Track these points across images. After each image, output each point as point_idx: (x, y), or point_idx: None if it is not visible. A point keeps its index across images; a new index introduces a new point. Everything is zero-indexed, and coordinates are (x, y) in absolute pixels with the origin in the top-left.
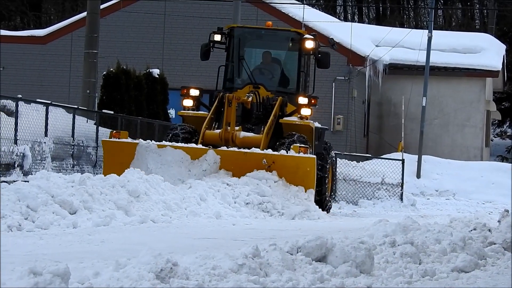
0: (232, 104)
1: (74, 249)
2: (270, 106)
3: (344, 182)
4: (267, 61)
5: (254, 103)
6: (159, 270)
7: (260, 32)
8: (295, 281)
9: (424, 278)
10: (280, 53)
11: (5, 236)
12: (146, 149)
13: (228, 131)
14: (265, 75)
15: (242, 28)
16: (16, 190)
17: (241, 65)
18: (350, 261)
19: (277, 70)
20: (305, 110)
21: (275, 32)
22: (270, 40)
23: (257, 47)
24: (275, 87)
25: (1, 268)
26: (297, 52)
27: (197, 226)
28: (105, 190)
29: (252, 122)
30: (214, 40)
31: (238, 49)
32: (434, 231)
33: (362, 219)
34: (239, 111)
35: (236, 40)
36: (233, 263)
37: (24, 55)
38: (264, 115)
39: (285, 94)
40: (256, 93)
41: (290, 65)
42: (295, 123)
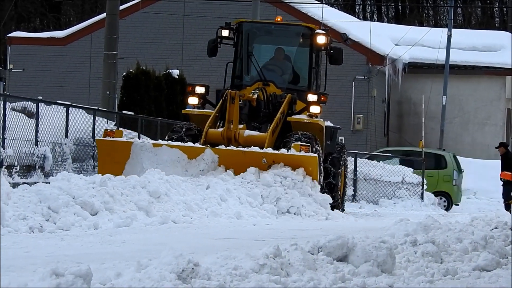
0: (235, 101)
1: (96, 250)
2: (278, 103)
3: (365, 181)
4: (280, 57)
5: (261, 100)
6: (181, 270)
7: (269, 27)
8: (317, 281)
9: (445, 277)
10: (290, 49)
11: (26, 237)
12: (141, 149)
13: (230, 130)
14: (275, 72)
15: (250, 23)
16: (37, 191)
17: (250, 61)
18: (371, 261)
19: (288, 66)
20: (314, 108)
21: (286, 27)
22: (280, 36)
23: (266, 43)
24: (285, 84)
25: (19, 269)
26: (308, 47)
27: (218, 226)
28: (126, 191)
29: (258, 120)
30: (222, 36)
31: (247, 45)
32: (455, 230)
33: (372, 219)
34: (245, 109)
35: (244, 35)
36: (254, 263)
37: (44, 56)
38: (271, 113)
39: (295, 91)
40: (263, 90)
41: (301, 61)
42: (303, 121)
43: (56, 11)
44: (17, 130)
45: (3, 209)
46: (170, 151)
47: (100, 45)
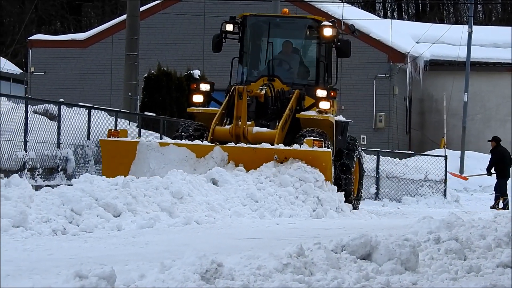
0: (243, 97)
1: (119, 251)
2: (286, 99)
3: (387, 179)
4: (288, 51)
5: (268, 96)
6: (204, 271)
7: (275, 20)
8: (340, 280)
9: (469, 274)
10: (297, 42)
11: (50, 240)
12: (147, 148)
13: (239, 126)
14: (282, 66)
15: (256, 17)
16: (60, 194)
17: (255, 56)
18: (395, 259)
19: (295, 60)
20: (323, 104)
21: (292, 19)
22: (286, 29)
23: (272, 36)
24: (292, 79)
25: (43, 271)
26: (316, 40)
27: (241, 226)
28: (148, 192)
29: (266, 117)
30: (226, 30)
31: (252, 39)
32: (478, 227)
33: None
34: (252, 106)
35: (249, 29)
36: (277, 262)
37: (65, 59)
38: (279, 109)
39: (303, 86)
40: (271, 85)
41: (308, 55)
42: (313, 117)
43: (77, 13)
44: (39, 132)
45: (25, 211)
46: (177, 150)
47: (121, 46)
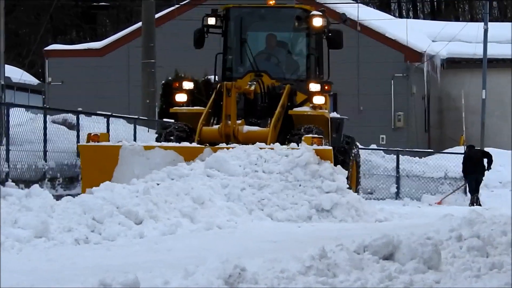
0: (231, 94)
1: (142, 259)
2: (276, 95)
3: (407, 178)
4: (272, 45)
5: (258, 93)
6: (228, 276)
7: (260, 11)
8: (364, 281)
9: (492, 271)
10: (285, 35)
11: (72, 249)
12: (131, 152)
13: (228, 125)
14: (270, 60)
15: (239, 9)
16: (81, 202)
17: (241, 50)
18: (417, 258)
19: (283, 54)
20: (317, 98)
21: (278, 10)
22: (273, 20)
23: (258, 29)
24: (281, 73)
25: (67, 281)
26: (305, 31)
27: (262, 230)
28: (169, 198)
29: (256, 115)
30: (208, 24)
31: (237, 33)
32: (500, 223)
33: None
34: (241, 104)
35: (233, 22)
36: (300, 265)
37: (81, 68)
38: (270, 106)
39: (293, 81)
40: (260, 81)
41: (297, 48)
42: (307, 113)
43: (92, 22)
44: (58, 142)
45: (47, 221)
46: (164, 153)
47: (138, 54)
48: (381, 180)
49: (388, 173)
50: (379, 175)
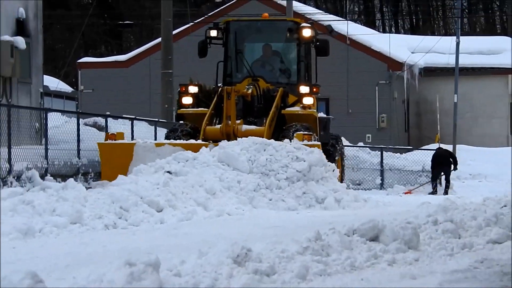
0: (231, 97)
1: (162, 242)
2: (271, 97)
3: (390, 171)
4: (267, 53)
5: (254, 95)
6: (236, 256)
7: (256, 25)
8: (353, 259)
9: (463, 250)
10: (278, 44)
11: (102, 234)
12: (144, 149)
13: (229, 125)
14: (265, 67)
15: (238, 22)
16: (110, 194)
17: (239, 59)
18: (399, 239)
19: (276, 61)
20: (307, 99)
21: (272, 23)
22: (267, 32)
23: (254, 40)
24: (275, 78)
25: (98, 261)
26: (295, 41)
27: (266, 217)
28: (186, 189)
29: (254, 115)
30: (211, 36)
31: (236, 43)
32: (470, 209)
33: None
34: (240, 105)
35: (232, 34)
36: (298, 246)
37: (109, 78)
38: (265, 107)
39: (285, 85)
40: (256, 85)
41: (289, 55)
42: (297, 113)
43: (118, 38)
44: (90, 142)
45: (81, 210)
46: (172, 149)
47: (158, 65)
48: (368, 173)
49: (373, 167)
50: (366, 169)
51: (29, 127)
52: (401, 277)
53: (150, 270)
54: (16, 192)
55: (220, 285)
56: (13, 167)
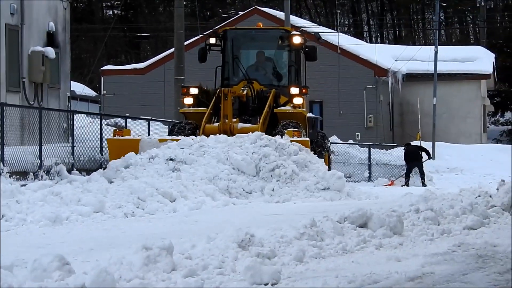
0: (228, 98)
1: (175, 228)
2: (264, 98)
3: (377, 166)
4: (261, 59)
5: (249, 96)
6: (240, 240)
7: (251, 33)
8: (344, 243)
9: (442, 235)
10: (270, 50)
11: (122, 221)
12: (148, 144)
13: (226, 123)
14: (259, 71)
15: (234, 30)
16: (129, 186)
17: (236, 63)
18: (385, 226)
19: (269, 65)
20: (297, 99)
21: (265, 31)
22: (261, 39)
23: (249, 46)
24: (268, 81)
25: (118, 245)
26: (286, 48)
27: (267, 205)
28: (196, 182)
29: (248, 114)
30: (210, 43)
31: (233, 50)
32: (448, 199)
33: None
34: (236, 105)
35: (229, 41)
36: (296, 232)
37: (129, 83)
38: (259, 106)
39: (277, 87)
40: (251, 87)
41: (280, 60)
42: (289, 111)
43: (137, 48)
44: None
45: (103, 200)
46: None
47: (171, 72)
48: (357, 167)
49: (362, 162)
50: (355, 163)
51: (58, 127)
52: (387, 259)
53: (164, 253)
54: (46, 185)
55: (226, 267)
56: (44, 162)
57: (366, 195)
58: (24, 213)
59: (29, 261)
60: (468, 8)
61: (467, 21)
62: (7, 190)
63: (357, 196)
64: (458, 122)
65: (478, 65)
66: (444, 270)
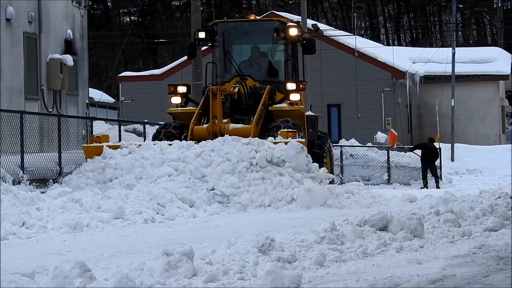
0: (217, 96)
1: (195, 233)
2: (258, 95)
3: (396, 168)
4: (256, 54)
5: (242, 93)
6: (261, 245)
7: (243, 25)
8: (365, 247)
9: (463, 237)
10: (265, 44)
11: (142, 227)
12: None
13: (215, 124)
14: (253, 66)
15: (225, 23)
16: (148, 192)
17: (227, 59)
18: (405, 229)
19: (264, 60)
20: (294, 96)
21: (259, 23)
22: (255, 32)
23: (242, 40)
24: (262, 77)
25: (138, 251)
26: (282, 41)
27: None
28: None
29: (241, 113)
30: (199, 38)
31: (224, 44)
32: (468, 201)
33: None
34: (227, 103)
35: (220, 35)
36: (316, 236)
37: (146, 89)
38: (253, 104)
39: (273, 83)
40: (243, 83)
41: (276, 55)
42: (285, 109)
43: (154, 54)
44: None
45: (123, 206)
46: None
47: (189, 77)
48: (376, 170)
49: (381, 165)
50: (374, 166)
51: (77, 134)
52: (408, 262)
53: (185, 259)
54: (66, 192)
55: (247, 272)
56: (63, 169)
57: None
58: (45, 220)
59: (50, 268)
60: (485, 9)
61: (484, 22)
62: (27, 198)
63: (348, 203)
64: (476, 123)
65: (496, 66)
66: (465, 272)
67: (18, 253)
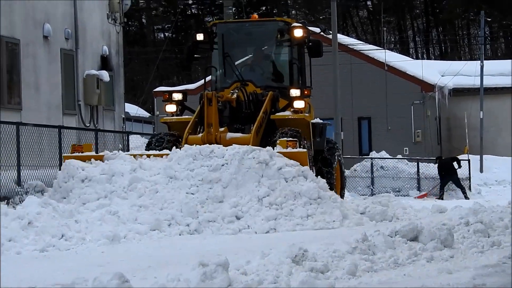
0: (212, 103)
1: (230, 245)
2: (259, 102)
3: (426, 180)
4: (258, 56)
5: (241, 100)
6: (294, 255)
7: (245, 26)
8: (396, 257)
9: (492, 247)
10: (268, 46)
11: (178, 239)
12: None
13: (210, 133)
14: (255, 71)
15: (225, 24)
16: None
17: (227, 63)
18: (436, 239)
19: (267, 64)
20: (298, 103)
21: (261, 24)
22: (257, 33)
23: (243, 42)
24: (265, 82)
25: (175, 263)
26: (287, 42)
27: None
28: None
29: (241, 122)
30: (198, 41)
31: (224, 46)
32: (497, 211)
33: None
34: (226, 111)
35: (220, 37)
36: (348, 246)
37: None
38: (253, 112)
39: (277, 89)
40: (243, 89)
41: (280, 57)
42: (288, 117)
43: (187, 70)
44: None
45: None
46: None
47: None
48: (406, 182)
49: (411, 176)
50: (404, 178)
51: (113, 148)
52: (438, 272)
53: (220, 269)
54: (104, 204)
55: (281, 282)
56: None
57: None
58: (83, 232)
59: (89, 279)
60: None
61: None
62: (66, 211)
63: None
64: (505, 135)
65: None
66: (495, 282)
67: (57, 265)
